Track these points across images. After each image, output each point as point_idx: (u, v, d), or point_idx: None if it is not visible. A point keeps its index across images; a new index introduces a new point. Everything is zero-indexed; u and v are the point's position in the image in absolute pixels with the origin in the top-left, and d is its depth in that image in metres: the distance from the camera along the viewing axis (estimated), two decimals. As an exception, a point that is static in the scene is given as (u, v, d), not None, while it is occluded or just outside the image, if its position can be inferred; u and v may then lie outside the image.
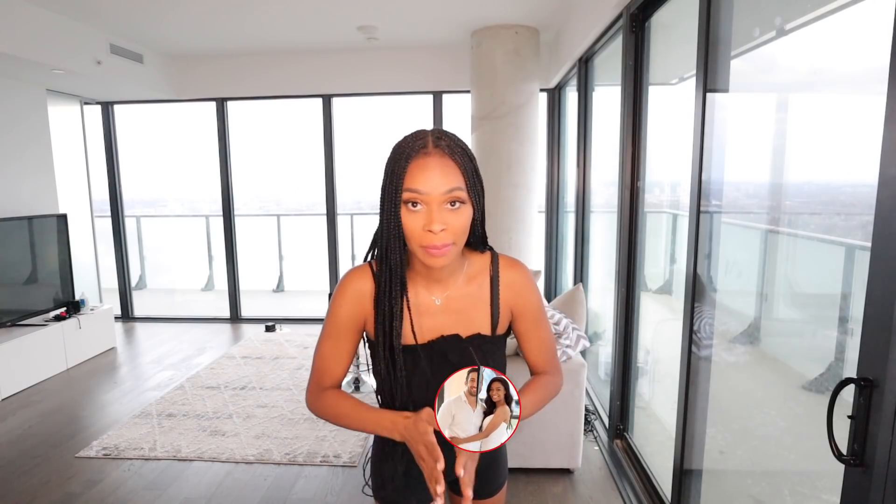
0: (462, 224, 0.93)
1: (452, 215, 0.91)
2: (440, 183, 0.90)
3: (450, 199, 0.91)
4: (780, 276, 1.62)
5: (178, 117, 6.54)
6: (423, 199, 0.90)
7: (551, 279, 5.19)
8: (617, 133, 2.66)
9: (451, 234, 0.92)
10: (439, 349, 1.03)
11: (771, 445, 1.61)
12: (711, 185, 1.79)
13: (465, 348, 1.03)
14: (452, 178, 0.91)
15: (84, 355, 4.29)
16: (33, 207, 4.22)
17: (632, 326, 2.64)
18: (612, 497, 2.42)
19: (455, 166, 0.92)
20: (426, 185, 0.90)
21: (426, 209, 0.91)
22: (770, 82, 1.66)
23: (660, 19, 2.36)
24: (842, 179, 1.39)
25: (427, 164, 0.90)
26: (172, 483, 2.56)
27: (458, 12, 3.79)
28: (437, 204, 0.90)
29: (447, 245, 0.92)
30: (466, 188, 0.92)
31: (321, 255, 5.45)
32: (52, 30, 3.61)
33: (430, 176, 0.90)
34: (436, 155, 0.91)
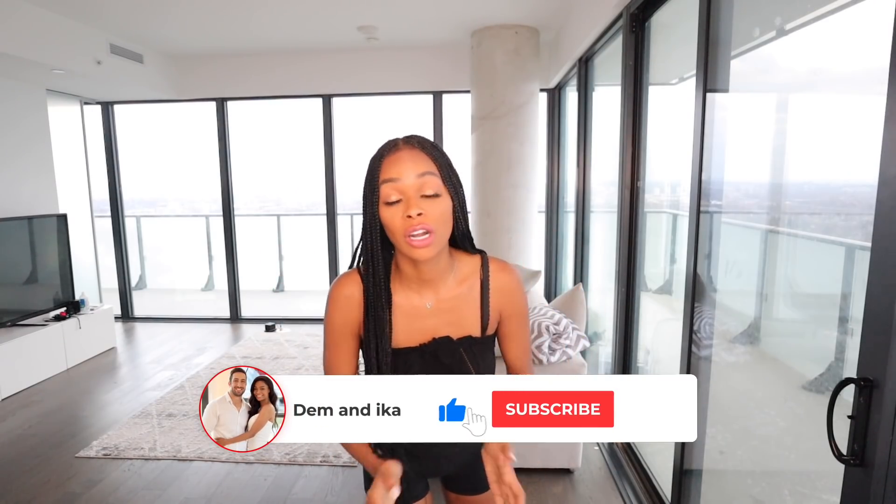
0: (439, 212, 0.95)
1: (429, 203, 0.94)
2: (411, 167, 0.94)
3: (423, 184, 0.94)
4: (780, 276, 1.62)
5: (178, 117, 6.53)
6: (399, 187, 0.94)
7: (551, 279, 5.19)
8: (617, 133, 2.66)
9: (431, 220, 0.94)
10: (431, 351, 1.05)
11: (771, 445, 1.61)
12: (711, 185, 1.79)
13: (457, 350, 1.05)
14: (422, 164, 0.95)
15: (84, 355, 4.29)
16: (33, 207, 4.22)
17: (632, 326, 2.64)
18: (612, 497, 2.42)
19: (426, 156, 0.97)
20: (398, 172, 0.94)
21: (404, 200, 0.94)
22: (770, 82, 1.66)
23: (660, 19, 2.36)
24: (842, 179, 1.39)
25: (399, 156, 0.96)
26: (172, 483, 2.56)
27: (458, 12, 3.79)
28: (413, 191, 0.94)
29: (428, 231, 0.94)
30: (441, 177, 0.96)
31: (321, 255, 5.45)
32: (52, 30, 3.61)
33: (402, 164, 0.95)
34: (406, 149, 0.97)
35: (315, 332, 5.01)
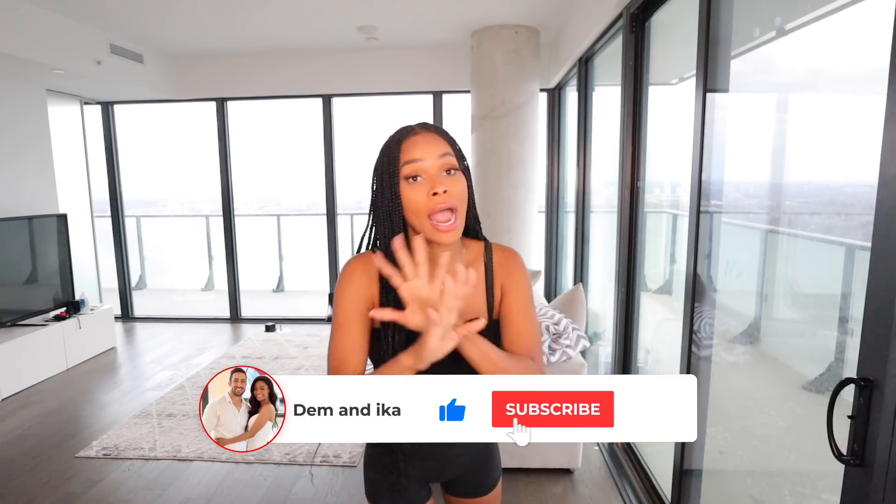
0: (461, 190, 0.98)
1: (451, 181, 0.97)
2: (434, 148, 0.97)
3: (445, 165, 0.97)
4: (780, 276, 1.62)
5: (178, 117, 6.53)
6: (422, 167, 0.96)
7: (551, 279, 5.19)
8: (617, 133, 2.66)
9: (454, 197, 0.96)
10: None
11: (771, 445, 1.61)
12: (711, 185, 1.79)
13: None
14: (442, 146, 0.99)
15: (84, 355, 4.29)
16: (33, 207, 4.22)
17: (632, 326, 2.64)
18: (612, 497, 2.42)
19: (442, 139, 1.00)
20: (422, 153, 0.97)
21: (426, 178, 0.96)
22: (770, 82, 1.66)
23: (660, 19, 2.36)
24: (842, 179, 1.39)
25: (418, 139, 0.99)
26: (172, 483, 2.56)
27: (458, 12, 3.79)
28: (435, 170, 0.97)
29: (452, 211, 0.96)
30: (457, 159, 1.00)
31: (321, 255, 5.45)
32: (52, 30, 3.61)
33: (424, 145, 0.98)
34: (423, 132, 1.00)
35: (315, 332, 5.01)
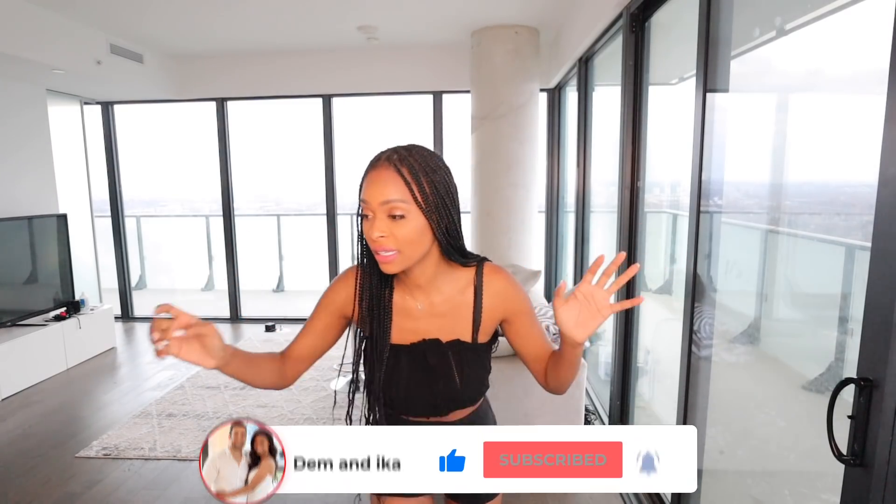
0: (405, 234, 0.96)
1: (394, 225, 0.96)
2: (377, 193, 0.96)
3: (389, 210, 0.96)
4: (780, 277, 1.62)
5: (178, 117, 6.53)
6: (370, 207, 0.97)
7: (551, 279, 5.19)
8: (617, 133, 2.66)
9: (394, 242, 0.96)
10: (420, 351, 1.08)
11: (771, 445, 1.61)
12: (711, 185, 1.79)
13: (445, 352, 1.08)
14: (391, 190, 0.95)
15: (84, 355, 4.29)
16: (33, 207, 4.22)
17: (632, 326, 2.64)
18: (613, 497, 2.42)
19: (398, 179, 0.95)
20: (369, 194, 0.97)
21: (373, 218, 0.97)
22: (770, 82, 1.66)
23: (660, 19, 2.36)
24: (842, 179, 1.39)
25: (373, 176, 0.97)
26: (172, 483, 2.56)
27: (458, 12, 3.79)
28: (379, 213, 0.96)
29: (390, 252, 0.97)
30: (413, 200, 0.96)
31: (321, 255, 5.44)
32: (52, 30, 3.61)
33: (372, 187, 0.97)
34: (381, 168, 0.97)
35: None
